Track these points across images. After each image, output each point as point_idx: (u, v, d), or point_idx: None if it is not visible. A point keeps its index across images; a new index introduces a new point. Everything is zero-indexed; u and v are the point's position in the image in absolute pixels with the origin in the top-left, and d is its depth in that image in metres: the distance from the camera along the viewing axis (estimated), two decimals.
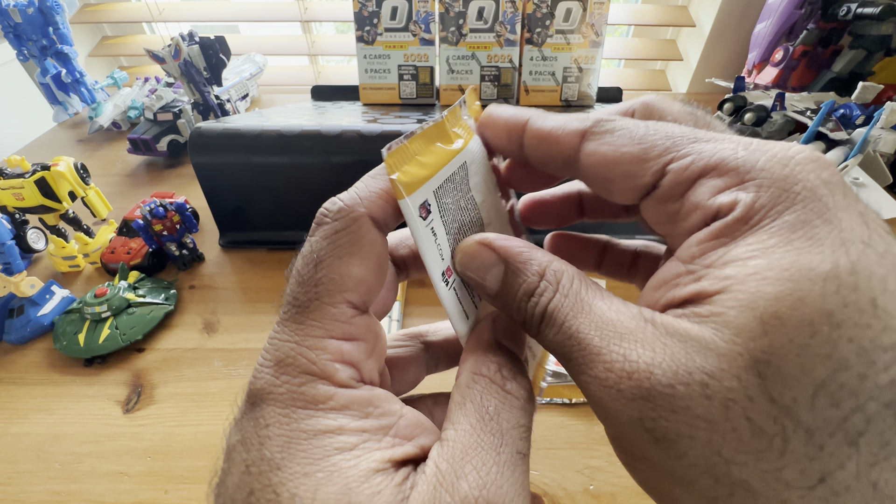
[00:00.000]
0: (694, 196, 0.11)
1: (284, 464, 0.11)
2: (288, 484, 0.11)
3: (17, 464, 0.35)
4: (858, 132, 0.58)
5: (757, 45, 0.78)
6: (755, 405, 0.09)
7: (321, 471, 0.11)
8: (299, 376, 0.12)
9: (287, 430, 0.12)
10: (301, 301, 0.13)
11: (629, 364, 0.11)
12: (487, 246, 0.14)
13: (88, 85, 0.82)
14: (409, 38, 0.66)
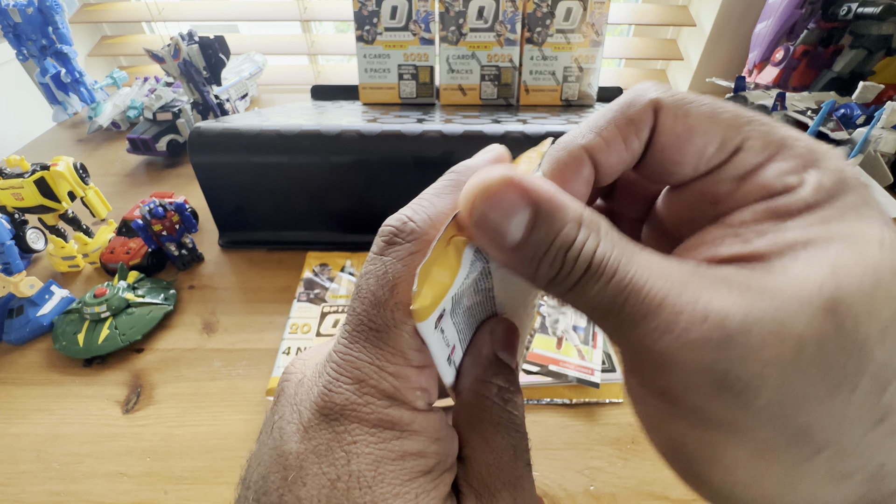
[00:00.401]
0: (762, 176, 0.12)
1: (376, 483, 0.11)
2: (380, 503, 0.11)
3: (16, 464, 0.35)
4: (859, 132, 0.58)
5: (757, 44, 0.78)
6: (829, 344, 0.09)
7: (411, 495, 0.11)
8: (384, 399, 0.12)
9: (376, 450, 0.12)
10: (378, 325, 0.12)
11: (699, 310, 0.10)
12: (513, 186, 0.11)
13: (88, 85, 0.82)
14: (408, 37, 0.66)
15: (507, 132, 0.48)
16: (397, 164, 0.48)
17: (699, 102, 0.12)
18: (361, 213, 0.52)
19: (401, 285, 0.12)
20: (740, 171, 0.12)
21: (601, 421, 0.37)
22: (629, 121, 0.12)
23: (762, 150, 0.12)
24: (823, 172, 0.11)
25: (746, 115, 0.12)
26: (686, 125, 0.12)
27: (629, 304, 0.11)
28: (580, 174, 0.13)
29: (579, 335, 0.41)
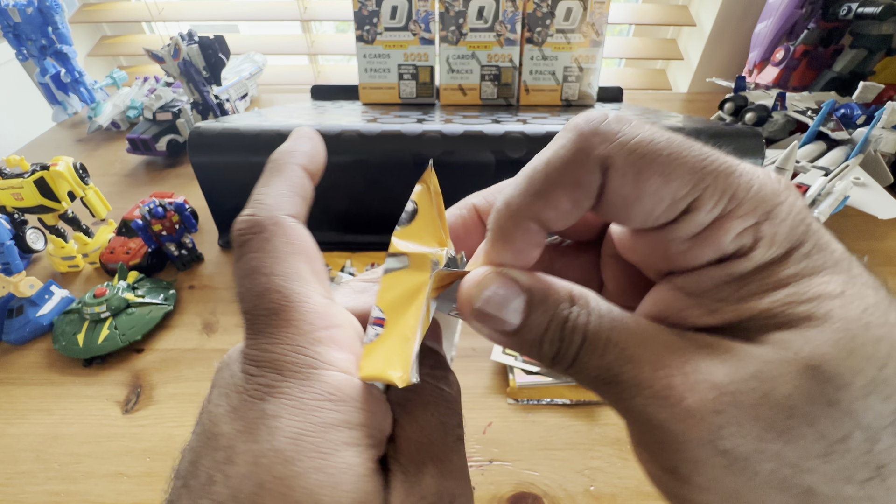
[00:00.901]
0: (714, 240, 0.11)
1: (297, 457, 0.11)
2: (300, 479, 0.11)
3: (16, 464, 0.35)
4: (859, 132, 0.58)
5: (758, 44, 0.78)
6: (815, 408, 0.10)
7: (332, 467, 0.11)
8: (303, 370, 0.12)
9: (297, 423, 0.11)
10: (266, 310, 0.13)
11: (689, 378, 0.10)
12: (504, 278, 0.12)
13: (87, 85, 0.82)
14: (408, 37, 0.66)
15: (507, 132, 0.48)
16: (397, 164, 0.48)
17: (652, 154, 0.11)
18: (361, 213, 0.52)
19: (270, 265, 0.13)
20: (692, 232, 0.11)
21: (601, 421, 0.37)
22: (574, 184, 0.11)
23: (714, 208, 0.11)
24: (776, 224, 0.11)
25: (701, 164, 0.11)
26: (636, 187, 0.11)
27: (625, 374, 0.11)
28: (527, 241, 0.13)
29: None
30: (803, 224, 0.11)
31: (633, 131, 0.11)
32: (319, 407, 0.12)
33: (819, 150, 0.59)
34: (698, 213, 0.11)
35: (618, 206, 0.12)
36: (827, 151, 0.59)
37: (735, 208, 0.11)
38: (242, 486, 0.11)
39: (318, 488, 0.11)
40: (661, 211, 0.11)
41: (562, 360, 0.12)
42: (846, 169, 0.52)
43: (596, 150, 0.11)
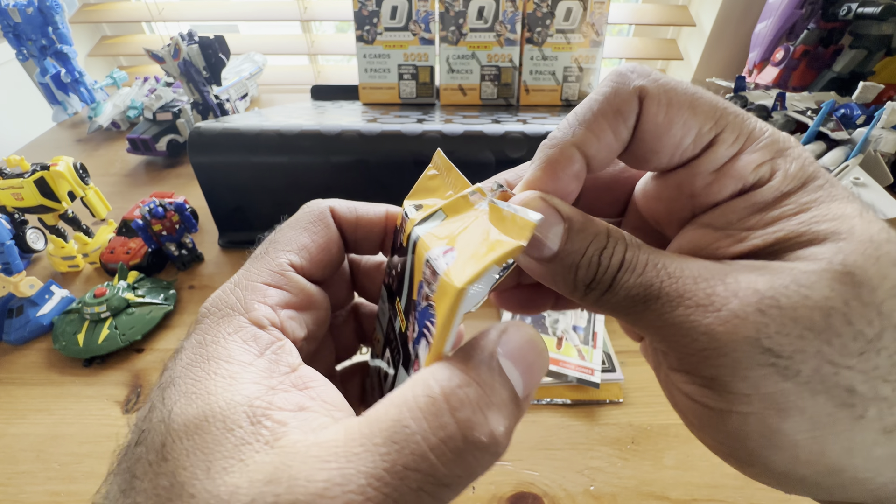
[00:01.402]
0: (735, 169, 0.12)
1: (178, 381, 0.12)
2: (171, 399, 0.12)
3: (16, 464, 0.35)
4: (859, 132, 0.58)
5: (757, 44, 0.78)
6: (851, 309, 0.10)
7: (195, 392, 0.12)
8: (224, 308, 0.14)
9: (192, 353, 0.13)
10: (256, 254, 0.16)
11: (731, 286, 0.11)
12: (550, 204, 0.13)
13: (88, 85, 0.82)
14: (408, 37, 0.66)
15: (507, 132, 0.48)
16: (397, 164, 0.48)
17: (680, 90, 0.13)
18: None
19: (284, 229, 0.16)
20: (716, 165, 0.13)
21: (601, 421, 0.37)
22: (616, 112, 0.13)
23: (734, 144, 0.12)
24: (789, 161, 0.12)
25: (721, 106, 0.13)
26: (668, 116, 0.12)
27: (665, 287, 0.11)
28: (571, 170, 0.13)
29: (579, 335, 0.41)
30: (813, 165, 0.12)
31: (664, 76, 0.13)
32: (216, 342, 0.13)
33: (819, 150, 0.59)
34: (721, 147, 0.12)
35: (650, 138, 0.13)
36: (827, 151, 0.59)
37: (752, 145, 0.12)
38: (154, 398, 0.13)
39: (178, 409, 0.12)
40: (689, 142, 0.13)
41: (598, 284, 0.12)
42: (846, 169, 0.52)
43: (634, 83, 0.13)
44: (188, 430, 0.11)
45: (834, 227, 0.11)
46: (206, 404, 0.11)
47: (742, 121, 0.13)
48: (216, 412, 0.11)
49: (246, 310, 0.14)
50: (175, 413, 0.12)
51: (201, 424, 0.11)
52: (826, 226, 0.11)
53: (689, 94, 0.13)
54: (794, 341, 0.10)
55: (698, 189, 0.13)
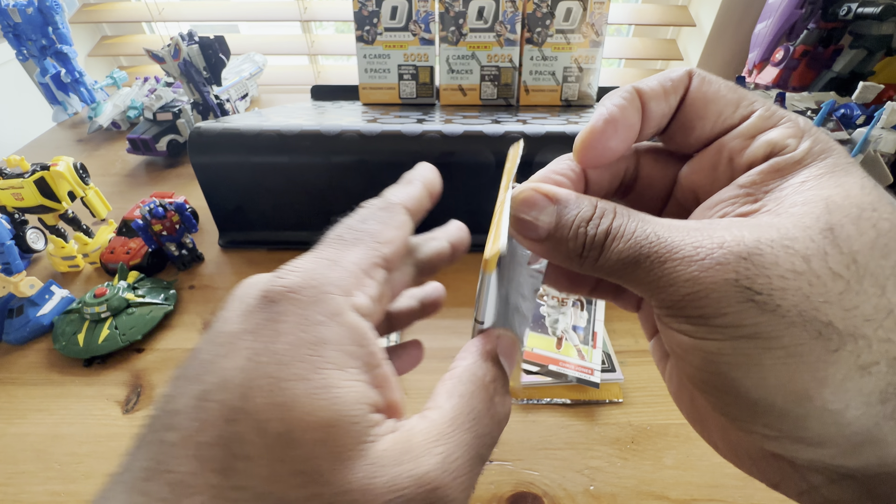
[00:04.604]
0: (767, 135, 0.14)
1: (290, 362, 0.12)
2: (288, 383, 0.12)
3: (16, 464, 0.35)
4: (859, 132, 0.58)
5: (757, 44, 0.78)
6: (831, 256, 0.11)
7: (318, 381, 0.12)
8: (326, 286, 0.13)
9: (300, 332, 0.12)
10: (346, 238, 0.15)
11: (716, 239, 0.12)
12: (539, 190, 0.15)
13: (88, 85, 0.82)
14: (408, 37, 0.66)
15: (507, 132, 0.48)
16: (397, 164, 0.48)
17: (720, 79, 0.16)
18: None
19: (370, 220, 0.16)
20: (752, 132, 0.15)
21: (601, 421, 0.37)
22: (670, 80, 0.16)
23: (767, 119, 0.14)
24: (813, 139, 0.14)
25: (754, 95, 0.15)
26: (711, 89, 0.15)
27: (654, 247, 0.13)
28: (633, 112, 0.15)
29: (579, 335, 0.42)
30: (832, 145, 0.14)
31: None
32: (323, 323, 0.13)
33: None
34: (755, 120, 0.15)
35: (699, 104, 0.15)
36: None
37: (781, 122, 0.14)
38: (234, 376, 0.12)
39: (301, 394, 0.12)
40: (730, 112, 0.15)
41: (589, 252, 0.14)
42: None
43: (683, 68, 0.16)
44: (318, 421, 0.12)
45: (831, 193, 0.12)
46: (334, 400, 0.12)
47: (774, 105, 0.15)
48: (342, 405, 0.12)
49: (348, 293, 0.14)
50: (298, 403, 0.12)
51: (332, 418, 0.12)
52: (826, 192, 0.12)
53: (727, 82, 0.16)
54: (775, 281, 0.11)
55: (736, 151, 0.15)
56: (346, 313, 0.13)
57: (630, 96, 0.15)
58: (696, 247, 0.12)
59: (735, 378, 0.12)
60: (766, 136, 0.14)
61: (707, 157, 0.16)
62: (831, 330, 0.11)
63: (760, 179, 0.14)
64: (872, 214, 0.12)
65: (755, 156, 0.14)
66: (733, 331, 0.12)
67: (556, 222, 0.14)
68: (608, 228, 0.14)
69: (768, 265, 0.11)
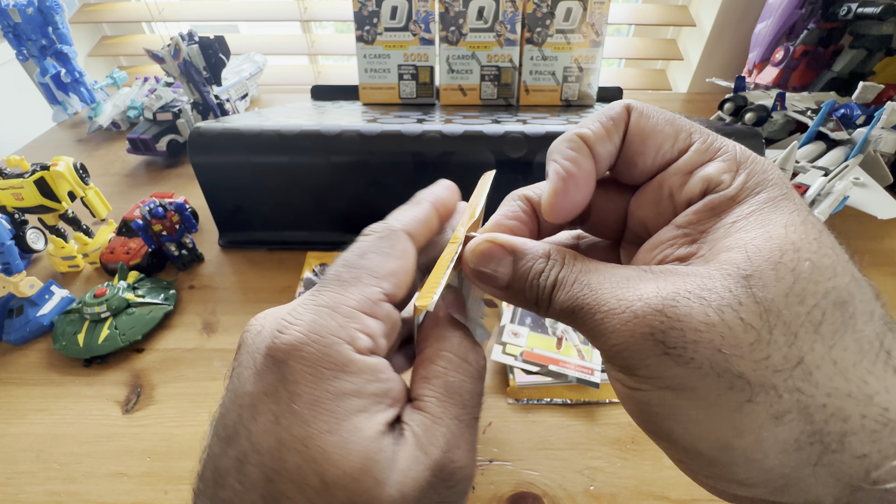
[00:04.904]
0: (703, 171, 0.14)
1: (312, 420, 0.13)
2: (315, 439, 0.13)
3: (16, 464, 0.35)
4: (859, 132, 0.58)
5: (757, 44, 0.78)
6: (744, 307, 0.12)
7: (344, 430, 0.13)
8: (328, 338, 0.14)
9: (314, 389, 0.13)
10: (344, 278, 0.15)
11: (638, 292, 0.13)
12: (495, 243, 0.16)
13: (88, 85, 0.82)
14: (408, 37, 0.66)
15: (507, 132, 0.48)
16: (397, 164, 0.48)
17: (659, 110, 0.16)
18: (361, 213, 0.51)
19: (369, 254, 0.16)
20: (689, 167, 0.15)
21: (601, 421, 0.37)
22: (611, 119, 0.16)
23: (703, 153, 0.15)
24: (747, 172, 0.14)
25: (694, 125, 0.16)
26: (649, 124, 0.16)
27: (587, 299, 0.14)
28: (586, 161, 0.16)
29: (579, 335, 0.41)
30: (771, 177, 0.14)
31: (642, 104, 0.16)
32: (335, 377, 0.13)
33: (819, 151, 0.59)
34: (693, 152, 0.15)
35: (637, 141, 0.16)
36: (826, 151, 0.59)
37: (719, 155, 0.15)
38: (264, 440, 0.13)
39: (330, 447, 0.13)
40: (668, 147, 0.15)
41: (541, 301, 0.15)
42: (846, 169, 0.52)
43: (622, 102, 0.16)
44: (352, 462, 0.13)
45: (755, 236, 0.13)
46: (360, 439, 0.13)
47: (712, 136, 0.15)
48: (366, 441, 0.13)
49: (351, 340, 0.14)
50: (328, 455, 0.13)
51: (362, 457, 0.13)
52: (751, 234, 0.13)
53: (667, 113, 0.16)
54: (688, 334, 0.12)
55: (675, 187, 0.15)
56: (355, 361, 0.14)
57: (578, 146, 0.16)
58: (619, 300, 0.13)
59: (665, 427, 0.13)
60: (702, 171, 0.14)
61: (651, 192, 0.16)
62: (743, 382, 0.11)
63: (696, 219, 0.14)
64: (794, 256, 0.12)
65: (692, 192, 0.14)
66: (656, 381, 0.12)
67: (512, 274, 0.16)
68: (555, 280, 0.15)
69: (682, 317, 0.12)
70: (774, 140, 0.66)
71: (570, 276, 0.14)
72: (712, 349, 0.11)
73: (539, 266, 0.15)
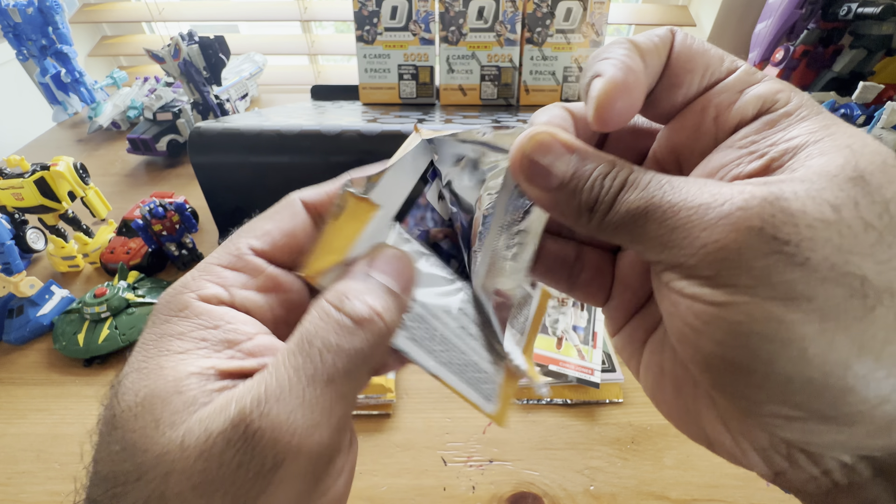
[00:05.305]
0: (755, 89, 0.13)
1: (132, 360, 0.13)
2: (125, 376, 0.13)
3: (16, 464, 0.35)
4: None
5: (757, 44, 0.78)
6: (862, 205, 0.10)
7: (146, 368, 0.13)
8: (177, 289, 0.15)
9: (148, 333, 0.14)
10: (224, 242, 0.16)
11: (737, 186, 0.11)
12: (559, 137, 0.14)
13: (88, 85, 0.82)
14: (408, 37, 0.66)
15: None
16: None
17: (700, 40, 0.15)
18: None
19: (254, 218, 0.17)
20: (740, 86, 0.13)
21: (601, 421, 0.37)
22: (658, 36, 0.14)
23: (752, 74, 0.14)
24: (799, 95, 0.13)
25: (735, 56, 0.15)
26: (696, 44, 0.14)
27: (668, 196, 0.12)
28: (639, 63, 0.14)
29: (579, 335, 0.41)
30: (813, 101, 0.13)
31: None
32: (166, 321, 0.14)
33: None
34: (742, 73, 0.14)
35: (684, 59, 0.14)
36: None
37: (765, 79, 0.13)
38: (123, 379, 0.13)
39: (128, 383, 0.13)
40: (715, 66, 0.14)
41: (601, 205, 0.13)
42: None
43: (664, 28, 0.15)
44: (136, 398, 0.12)
45: (845, 141, 0.11)
46: (157, 376, 0.13)
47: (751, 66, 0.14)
48: (167, 379, 0.12)
49: (197, 289, 0.14)
50: (124, 387, 0.13)
51: (151, 391, 0.12)
52: (842, 140, 0.11)
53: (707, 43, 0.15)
54: (803, 230, 0.10)
55: (723, 108, 0.13)
56: (191, 307, 0.14)
57: (630, 49, 0.14)
58: (713, 194, 0.11)
59: (768, 352, 0.10)
60: (755, 90, 0.13)
61: (690, 118, 0.15)
62: (867, 286, 0.10)
63: (760, 136, 0.12)
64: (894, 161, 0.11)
65: (745, 112, 0.13)
66: (762, 290, 0.10)
67: (572, 171, 0.13)
68: (624, 180, 0.13)
69: (795, 213, 0.10)
70: None
71: (644, 177, 0.12)
72: (832, 248, 0.10)
73: (605, 167, 0.13)
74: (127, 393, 0.12)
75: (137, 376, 0.13)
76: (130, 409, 0.12)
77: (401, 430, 0.36)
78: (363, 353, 0.13)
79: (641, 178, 0.12)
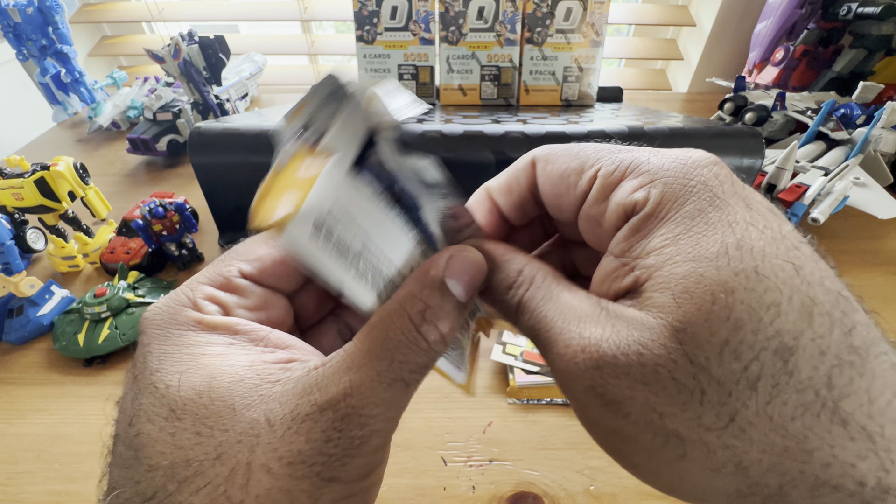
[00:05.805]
0: (616, 196, 0.14)
1: (162, 367, 0.14)
2: (165, 379, 0.13)
3: (16, 464, 0.35)
4: (859, 132, 0.58)
5: (757, 44, 0.78)
6: (678, 367, 0.11)
7: (190, 368, 0.13)
8: (174, 306, 0.15)
9: (163, 345, 0.14)
10: (216, 261, 0.16)
11: (583, 340, 0.13)
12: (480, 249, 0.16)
13: (88, 85, 0.82)
14: (408, 37, 0.66)
15: (507, 132, 0.48)
16: None
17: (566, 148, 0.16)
18: None
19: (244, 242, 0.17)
20: (601, 195, 0.14)
21: None
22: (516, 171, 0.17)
23: (612, 175, 0.14)
24: (665, 184, 0.13)
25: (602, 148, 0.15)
26: (554, 167, 0.16)
27: (542, 334, 0.14)
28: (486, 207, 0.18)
29: None
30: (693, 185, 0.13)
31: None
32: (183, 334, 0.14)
33: (819, 150, 0.59)
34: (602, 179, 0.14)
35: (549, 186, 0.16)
36: (827, 151, 0.59)
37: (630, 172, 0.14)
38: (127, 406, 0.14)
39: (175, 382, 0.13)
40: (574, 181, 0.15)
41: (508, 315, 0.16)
42: (846, 169, 0.52)
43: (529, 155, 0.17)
44: (196, 391, 0.13)
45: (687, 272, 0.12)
46: (211, 373, 0.13)
47: (623, 152, 0.15)
48: (222, 373, 0.13)
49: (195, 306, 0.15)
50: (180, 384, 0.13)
51: (210, 386, 0.13)
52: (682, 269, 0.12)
53: (574, 147, 0.16)
54: (625, 391, 0.12)
55: (598, 219, 0.15)
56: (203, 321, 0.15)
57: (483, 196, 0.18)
58: (566, 345, 0.13)
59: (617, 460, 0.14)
60: (614, 197, 0.14)
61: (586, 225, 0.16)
62: (677, 439, 0.12)
63: (627, 246, 0.14)
64: (728, 301, 0.11)
65: (612, 221, 0.14)
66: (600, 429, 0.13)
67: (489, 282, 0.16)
68: (519, 301, 0.15)
69: (621, 375, 0.12)
70: (774, 140, 0.66)
71: (533, 301, 0.15)
72: (648, 408, 0.12)
73: (509, 280, 0.16)
74: (182, 389, 0.13)
75: (188, 375, 0.13)
76: (194, 401, 0.13)
77: (401, 430, 0.36)
78: (427, 366, 0.15)
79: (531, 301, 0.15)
